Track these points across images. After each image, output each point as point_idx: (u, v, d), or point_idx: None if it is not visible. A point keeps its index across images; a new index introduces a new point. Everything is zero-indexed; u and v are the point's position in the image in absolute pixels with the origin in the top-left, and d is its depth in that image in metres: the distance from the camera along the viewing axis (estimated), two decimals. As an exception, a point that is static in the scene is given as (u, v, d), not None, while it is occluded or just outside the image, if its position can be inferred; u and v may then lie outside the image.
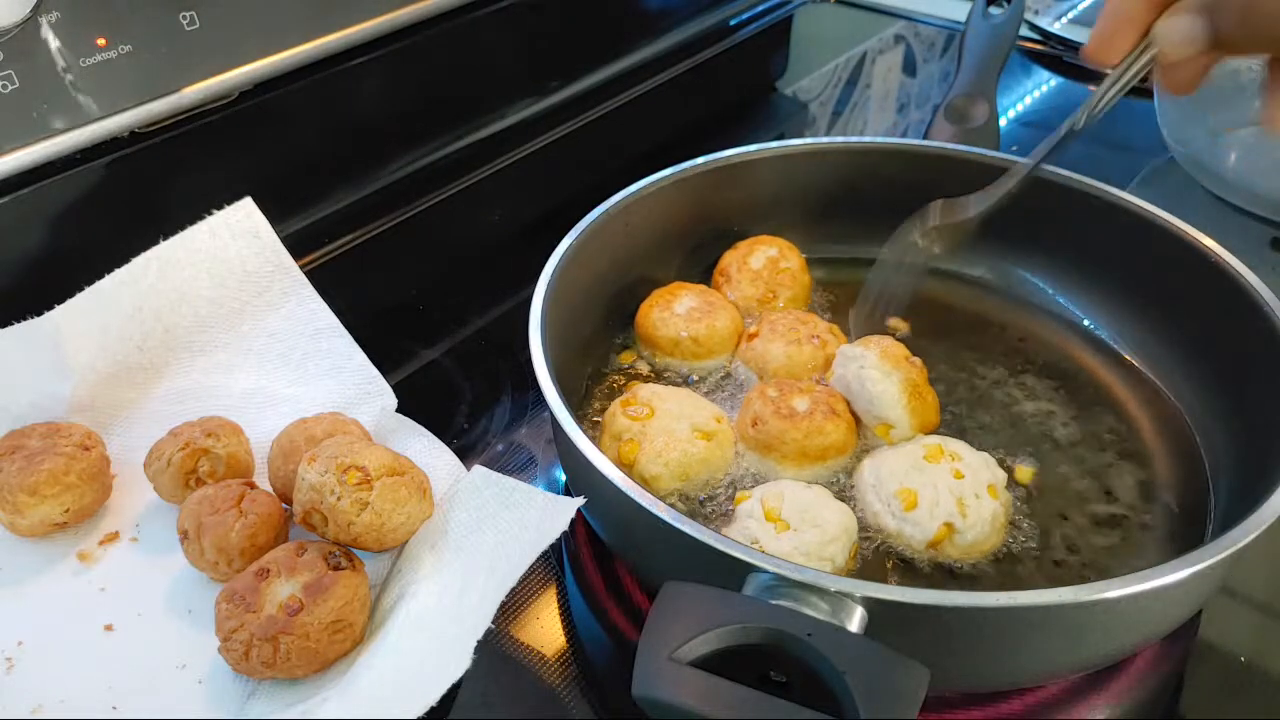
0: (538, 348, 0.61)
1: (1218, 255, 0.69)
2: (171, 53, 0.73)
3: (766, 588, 0.47)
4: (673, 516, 0.51)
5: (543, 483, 0.71)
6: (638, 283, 0.78)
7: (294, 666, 0.53)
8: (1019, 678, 0.56)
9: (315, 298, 0.74)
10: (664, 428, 0.64)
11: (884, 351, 0.65)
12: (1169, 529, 0.63)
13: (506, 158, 0.99)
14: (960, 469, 0.61)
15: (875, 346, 0.66)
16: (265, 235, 0.74)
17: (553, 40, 1.03)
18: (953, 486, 0.60)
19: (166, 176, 0.77)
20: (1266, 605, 0.63)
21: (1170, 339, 0.74)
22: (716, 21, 1.20)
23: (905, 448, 0.64)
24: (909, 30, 1.38)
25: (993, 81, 0.90)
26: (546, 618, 0.61)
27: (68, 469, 0.62)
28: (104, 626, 0.58)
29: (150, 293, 0.70)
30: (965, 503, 0.60)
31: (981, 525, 0.60)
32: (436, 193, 0.94)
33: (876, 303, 0.76)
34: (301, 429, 0.64)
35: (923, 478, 0.61)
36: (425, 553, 0.58)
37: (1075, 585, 0.47)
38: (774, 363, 0.71)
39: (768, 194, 0.83)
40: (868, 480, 0.63)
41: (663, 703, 0.41)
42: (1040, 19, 1.31)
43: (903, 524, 0.60)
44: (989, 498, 0.61)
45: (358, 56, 0.86)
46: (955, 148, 0.82)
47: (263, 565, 0.56)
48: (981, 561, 0.61)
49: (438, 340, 0.83)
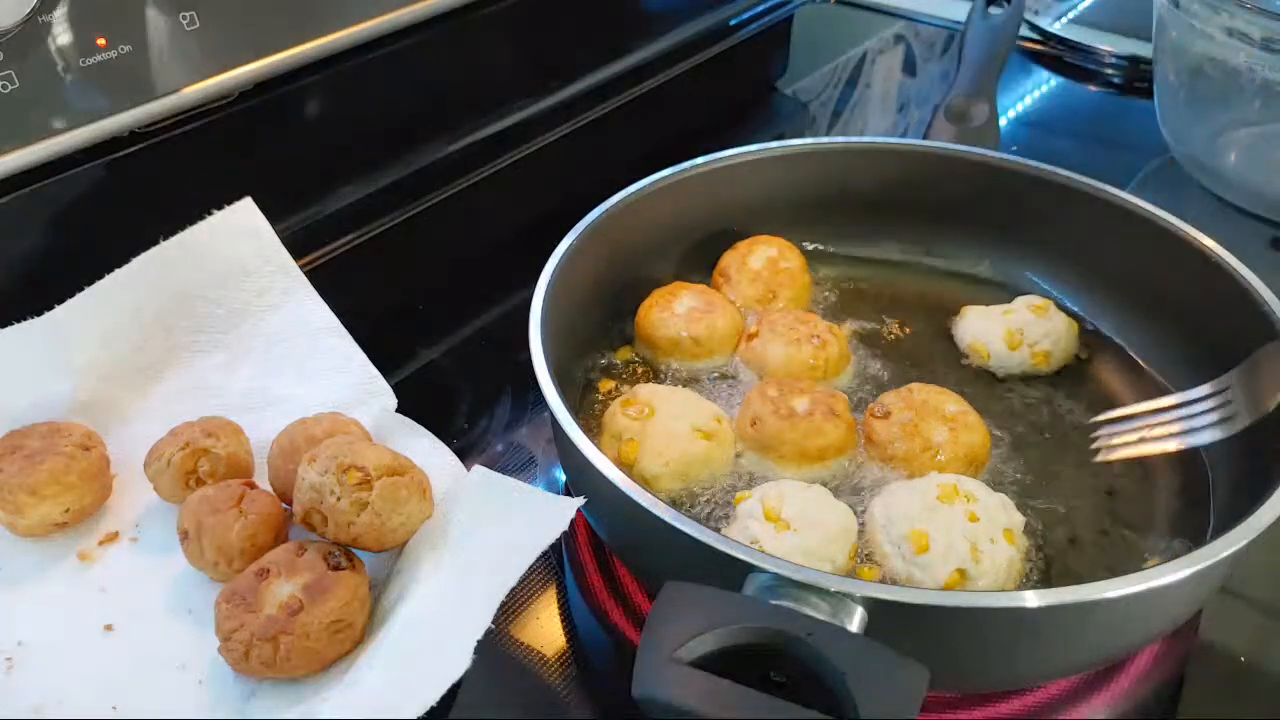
0: (538, 348, 0.61)
1: (1218, 255, 0.69)
2: (171, 53, 0.73)
3: (766, 588, 0.47)
4: (673, 516, 0.51)
5: (543, 483, 0.71)
6: (638, 283, 0.78)
7: (294, 666, 0.53)
8: (1019, 678, 0.56)
9: (315, 298, 0.74)
10: (664, 427, 0.64)
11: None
12: (1169, 529, 0.63)
13: (506, 158, 0.99)
14: (976, 511, 0.58)
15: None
16: (265, 235, 0.74)
17: (552, 40, 1.03)
18: (967, 530, 0.57)
19: (166, 176, 0.77)
20: (1266, 605, 0.63)
21: (1170, 339, 0.74)
22: (716, 21, 1.20)
23: (919, 485, 0.61)
24: (909, 30, 1.38)
25: (993, 81, 0.90)
26: (546, 618, 0.61)
27: (68, 469, 0.62)
28: (104, 626, 0.58)
29: (150, 293, 0.70)
30: (979, 548, 0.56)
31: (996, 572, 0.57)
32: (436, 193, 0.94)
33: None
34: (301, 429, 0.64)
35: (935, 519, 0.58)
36: (425, 553, 0.58)
37: (1075, 585, 0.47)
38: (774, 362, 0.71)
39: (768, 194, 0.83)
40: (878, 520, 0.61)
41: (663, 703, 0.41)
42: (1040, 19, 1.31)
43: (912, 568, 0.57)
44: (1005, 543, 0.58)
45: (358, 56, 0.86)
46: (955, 148, 0.82)
47: (263, 565, 0.56)
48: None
49: (438, 340, 0.83)
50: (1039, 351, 0.73)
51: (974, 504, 0.59)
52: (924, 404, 0.67)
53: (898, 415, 0.66)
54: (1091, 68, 1.26)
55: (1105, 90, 1.24)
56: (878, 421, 0.67)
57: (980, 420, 0.67)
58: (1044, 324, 0.74)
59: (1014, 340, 0.73)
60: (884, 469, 0.66)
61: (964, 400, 0.68)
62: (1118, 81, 1.24)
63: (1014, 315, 0.75)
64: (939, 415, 0.66)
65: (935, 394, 0.68)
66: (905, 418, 0.66)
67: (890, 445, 0.65)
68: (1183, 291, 0.72)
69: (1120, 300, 0.78)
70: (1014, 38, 0.94)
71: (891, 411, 0.67)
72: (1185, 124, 1.01)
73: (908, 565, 0.58)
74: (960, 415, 0.67)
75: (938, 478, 0.61)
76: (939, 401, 0.67)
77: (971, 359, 0.75)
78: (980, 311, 0.77)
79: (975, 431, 0.66)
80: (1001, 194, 0.80)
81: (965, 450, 0.65)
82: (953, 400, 0.68)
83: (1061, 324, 0.75)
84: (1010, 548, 0.58)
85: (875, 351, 0.76)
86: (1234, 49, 0.90)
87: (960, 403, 0.68)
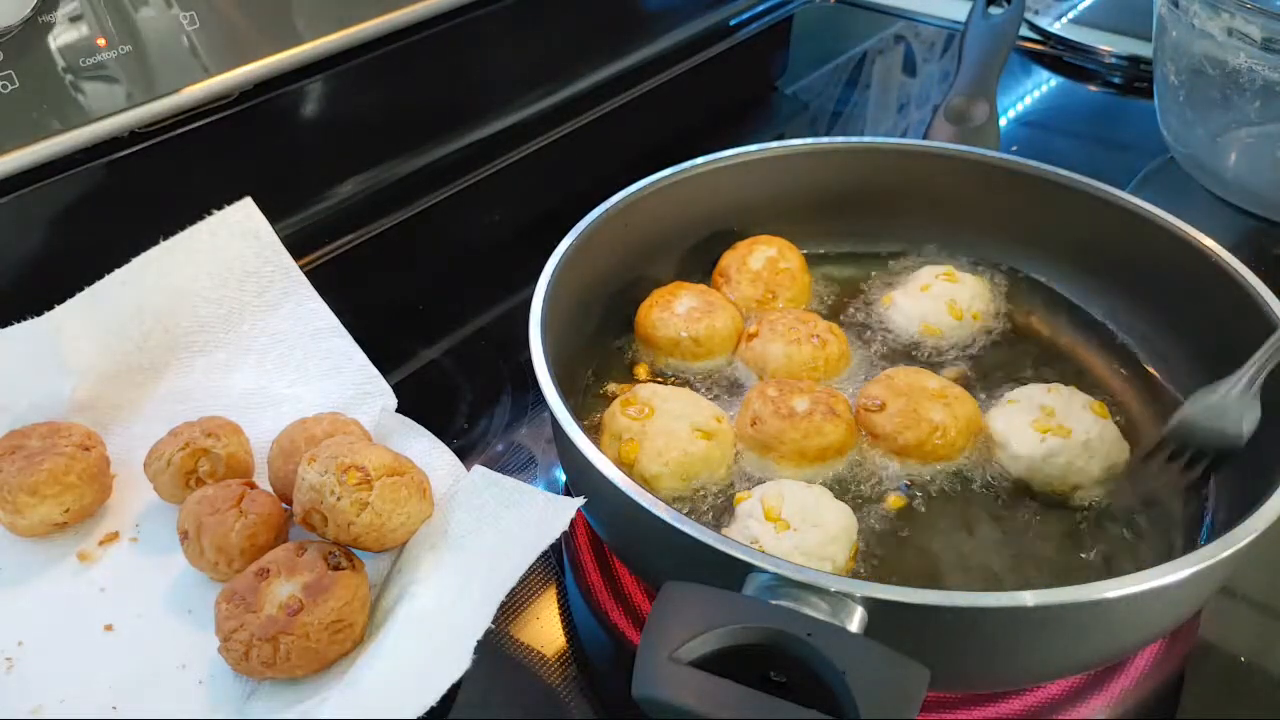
0: (538, 348, 0.61)
1: (1218, 255, 0.69)
2: (171, 53, 0.73)
3: (766, 588, 0.47)
4: (673, 516, 0.51)
5: (543, 483, 0.71)
6: (638, 283, 0.78)
7: (294, 666, 0.53)
8: (1019, 678, 0.56)
9: (315, 298, 0.74)
10: (664, 427, 0.64)
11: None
12: (1169, 529, 0.63)
13: (506, 158, 0.99)
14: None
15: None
16: (265, 235, 0.74)
17: (552, 40, 1.03)
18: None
19: (166, 176, 0.77)
20: (1266, 605, 0.63)
21: (1170, 338, 0.74)
22: (716, 21, 1.20)
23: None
24: (909, 30, 1.38)
25: (993, 81, 0.90)
26: (546, 618, 0.61)
27: (68, 469, 0.62)
28: (104, 626, 0.58)
29: (150, 293, 0.70)
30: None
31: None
32: (436, 193, 0.94)
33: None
34: (301, 429, 0.64)
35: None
36: (425, 553, 0.58)
37: (1075, 585, 0.47)
38: (774, 362, 0.71)
39: (768, 194, 0.83)
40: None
41: (663, 703, 0.41)
42: (1040, 19, 1.31)
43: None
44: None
45: (358, 56, 0.86)
46: (955, 148, 0.82)
47: (263, 565, 0.56)
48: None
49: (438, 340, 0.83)
50: (975, 313, 0.76)
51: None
52: (910, 387, 0.68)
53: (893, 405, 0.67)
54: (1091, 68, 1.26)
55: (1105, 90, 1.24)
56: (876, 415, 0.67)
57: (964, 391, 0.69)
58: (964, 289, 0.77)
59: (957, 311, 0.75)
60: (889, 459, 0.66)
61: (940, 376, 0.70)
62: (1118, 81, 1.24)
63: (933, 289, 0.77)
64: (928, 394, 0.67)
65: (913, 374, 0.69)
66: (900, 405, 0.66)
67: (899, 436, 0.65)
68: (1183, 291, 0.72)
69: (1120, 300, 0.78)
70: (1014, 38, 0.94)
71: (886, 402, 0.67)
72: (1185, 124, 1.01)
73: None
74: (946, 389, 0.68)
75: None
76: (920, 380, 0.69)
77: (924, 341, 0.76)
78: (905, 293, 0.79)
79: (967, 401, 0.68)
80: (1001, 194, 0.80)
81: (965, 422, 0.66)
82: (930, 377, 0.69)
83: (978, 284, 0.77)
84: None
85: (876, 350, 0.76)
86: (1234, 49, 0.90)
87: (938, 378, 0.69)
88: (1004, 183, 0.80)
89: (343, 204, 0.90)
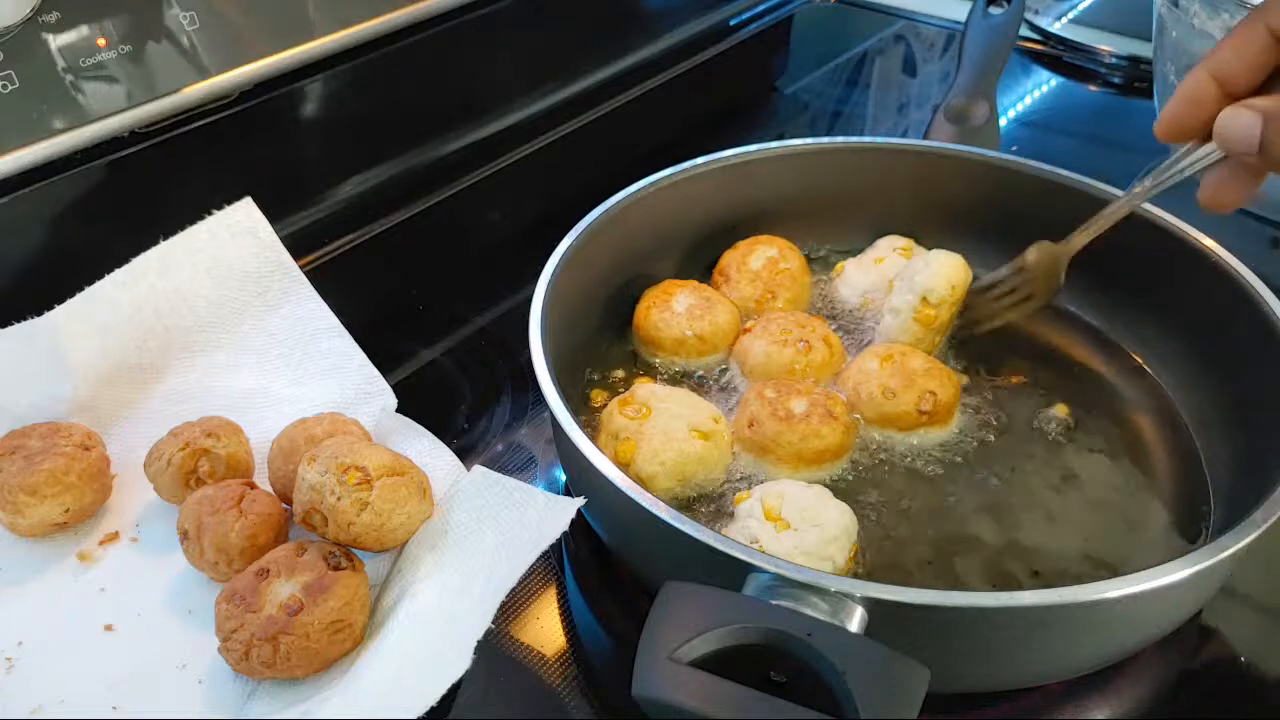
0: (538, 348, 0.61)
1: (1218, 255, 0.69)
2: (171, 53, 0.73)
3: (766, 588, 0.47)
4: (673, 516, 0.51)
5: (543, 483, 0.71)
6: (638, 282, 0.78)
7: (294, 666, 0.53)
8: (1019, 678, 0.56)
9: (315, 298, 0.74)
10: (661, 427, 0.64)
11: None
12: (1168, 529, 0.63)
13: (506, 158, 0.99)
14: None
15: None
16: (265, 235, 0.74)
17: (552, 40, 1.03)
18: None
19: (166, 176, 0.77)
20: (1266, 605, 0.63)
21: (1170, 338, 0.74)
22: (716, 21, 1.20)
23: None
24: (909, 30, 1.38)
25: (993, 81, 0.90)
26: (546, 618, 0.61)
27: (68, 469, 0.62)
28: (104, 626, 0.58)
29: (150, 293, 0.70)
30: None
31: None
32: (436, 193, 0.94)
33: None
34: (301, 429, 0.64)
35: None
36: (425, 553, 0.58)
37: (1075, 585, 0.47)
38: (752, 360, 0.71)
39: (768, 194, 0.83)
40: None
41: (663, 703, 0.41)
42: (1040, 19, 1.31)
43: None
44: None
45: (357, 56, 0.86)
46: (955, 148, 0.82)
47: (263, 565, 0.56)
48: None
49: (438, 340, 0.83)
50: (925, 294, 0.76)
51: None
52: (903, 357, 0.70)
53: (890, 383, 0.68)
54: (1091, 68, 1.26)
55: (1105, 90, 1.24)
56: (887, 402, 0.68)
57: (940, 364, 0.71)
58: (921, 264, 0.76)
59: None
60: (886, 433, 0.68)
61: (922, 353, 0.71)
62: (1118, 81, 1.24)
63: (886, 261, 0.79)
64: (914, 369, 0.69)
65: (897, 351, 0.70)
66: (895, 383, 0.68)
67: (908, 417, 0.67)
68: (1182, 291, 0.72)
69: (1120, 300, 0.77)
70: (1014, 38, 0.94)
71: (892, 387, 0.68)
72: (1185, 124, 1.01)
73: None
74: (932, 364, 0.70)
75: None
76: (909, 353, 0.70)
77: (866, 316, 0.77)
78: (858, 264, 0.80)
79: (950, 375, 0.70)
80: (1001, 194, 0.80)
81: (951, 396, 0.69)
82: (919, 356, 0.70)
83: (946, 262, 0.75)
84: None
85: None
86: (1234, 49, 0.90)
87: (920, 355, 0.71)
88: (1004, 183, 0.80)
89: (343, 204, 0.90)
